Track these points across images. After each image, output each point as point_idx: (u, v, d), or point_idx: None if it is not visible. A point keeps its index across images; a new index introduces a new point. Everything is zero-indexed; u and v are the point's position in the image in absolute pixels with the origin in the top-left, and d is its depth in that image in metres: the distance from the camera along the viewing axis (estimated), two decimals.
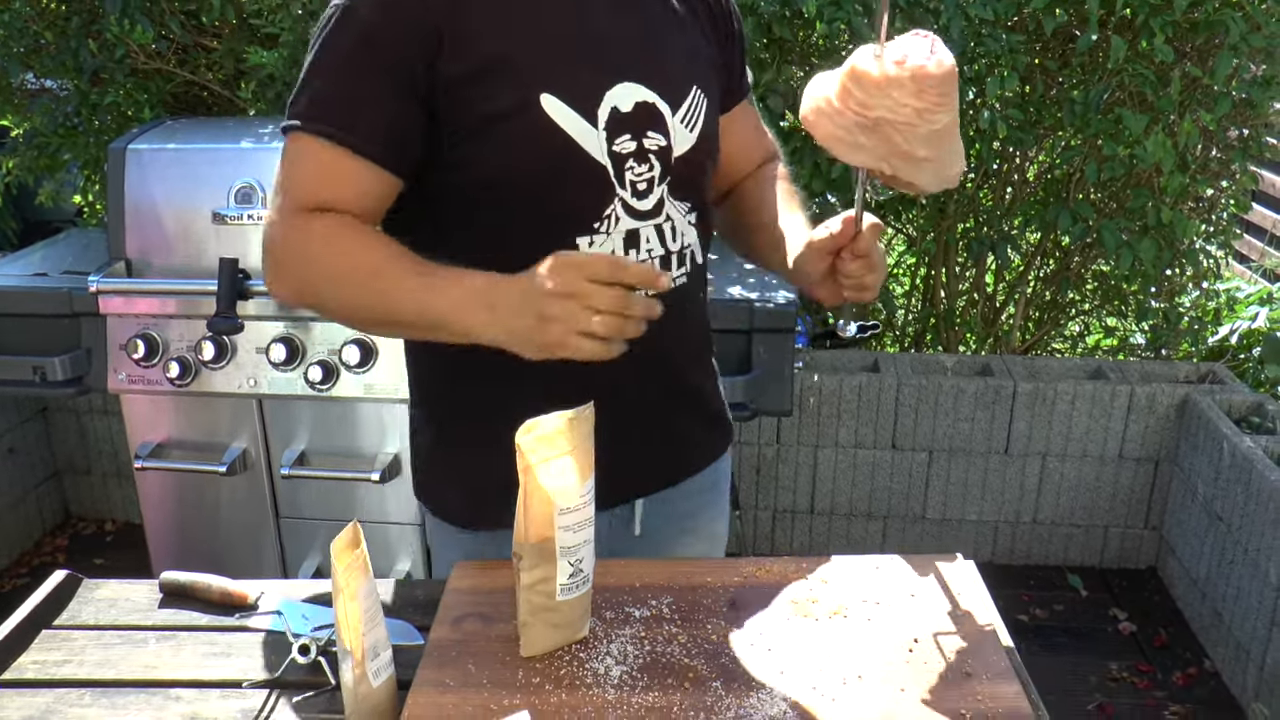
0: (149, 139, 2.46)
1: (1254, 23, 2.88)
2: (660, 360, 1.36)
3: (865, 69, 1.06)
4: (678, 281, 1.33)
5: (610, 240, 1.25)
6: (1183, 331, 3.67)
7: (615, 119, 1.24)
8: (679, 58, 1.32)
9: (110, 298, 2.42)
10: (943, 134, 1.10)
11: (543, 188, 1.23)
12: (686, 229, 1.34)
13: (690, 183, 1.33)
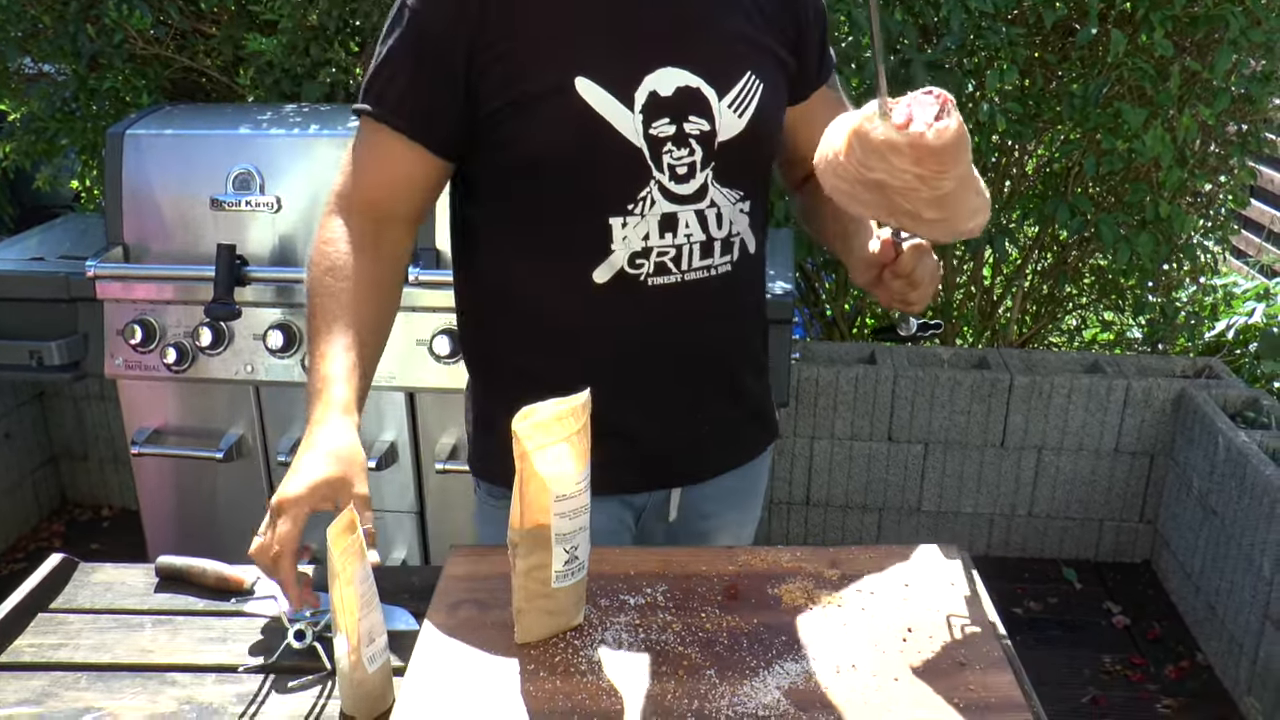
0: (147, 124, 2.46)
1: (1254, 18, 2.87)
2: (705, 348, 1.38)
3: (867, 129, 1.01)
4: (720, 269, 1.33)
5: (645, 222, 1.27)
6: (1179, 326, 3.67)
7: (654, 102, 1.24)
8: (731, 42, 1.31)
9: (108, 283, 2.42)
10: (949, 197, 1.05)
11: (575, 168, 1.25)
12: (736, 216, 1.33)
13: (740, 170, 1.32)
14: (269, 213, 2.35)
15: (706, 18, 1.30)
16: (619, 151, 1.24)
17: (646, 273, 1.29)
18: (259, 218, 2.36)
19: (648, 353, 1.34)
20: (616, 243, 1.27)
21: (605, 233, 1.27)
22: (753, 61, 1.32)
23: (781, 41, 1.37)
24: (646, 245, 1.28)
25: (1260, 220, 5.43)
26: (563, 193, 1.27)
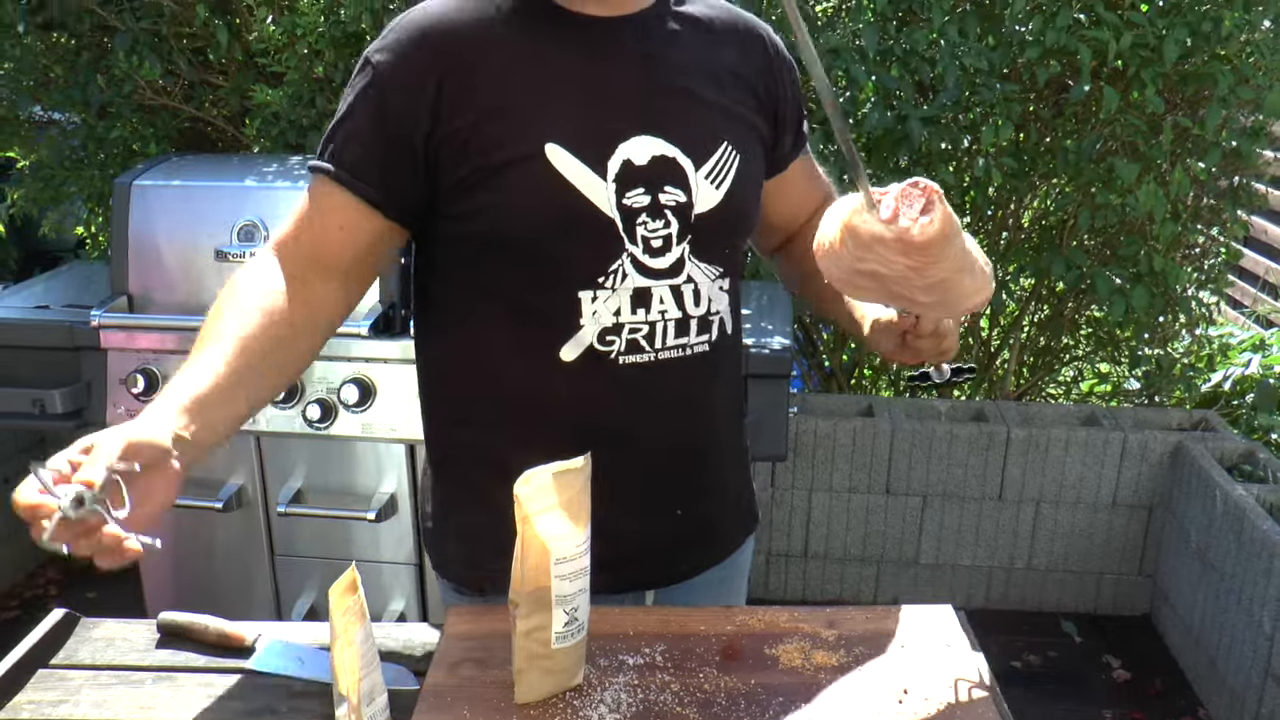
0: (154, 175, 2.49)
1: (1241, 76, 2.93)
2: (680, 436, 1.32)
3: (856, 224, 1.03)
4: (697, 349, 1.28)
5: (616, 296, 1.21)
6: (1176, 378, 3.69)
7: (628, 171, 1.20)
8: (708, 112, 1.27)
9: (111, 332, 2.44)
10: (942, 284, 1.07)
11: (544, 238, 1.20)
12: (716, 294, 1.28)
13: (718, 244, 1.28)
14: None
15: (683, 86, 1.26)
16: (590, 222, 1.19)
17: (617, 350, 1.23)
18: None
19: (618, 439, 1.25)
20: (586, 318, 1.22)
21: (574, 307, 1.21)
22: (730, 132, 1.28)
23: (758, 112, 1.33)
24: (618, 321, 1.22)
25: (1255, 270, 5.48)
26: (530, 264, 1.22)
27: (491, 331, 1.27)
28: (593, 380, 1.24)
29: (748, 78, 1.33)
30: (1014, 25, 2.91)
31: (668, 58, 1.26)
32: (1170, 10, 2.89)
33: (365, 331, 2.31)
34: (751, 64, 1.34)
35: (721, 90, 1.29)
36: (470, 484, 1.35)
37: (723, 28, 1.33)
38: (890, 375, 3.95)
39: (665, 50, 1.27)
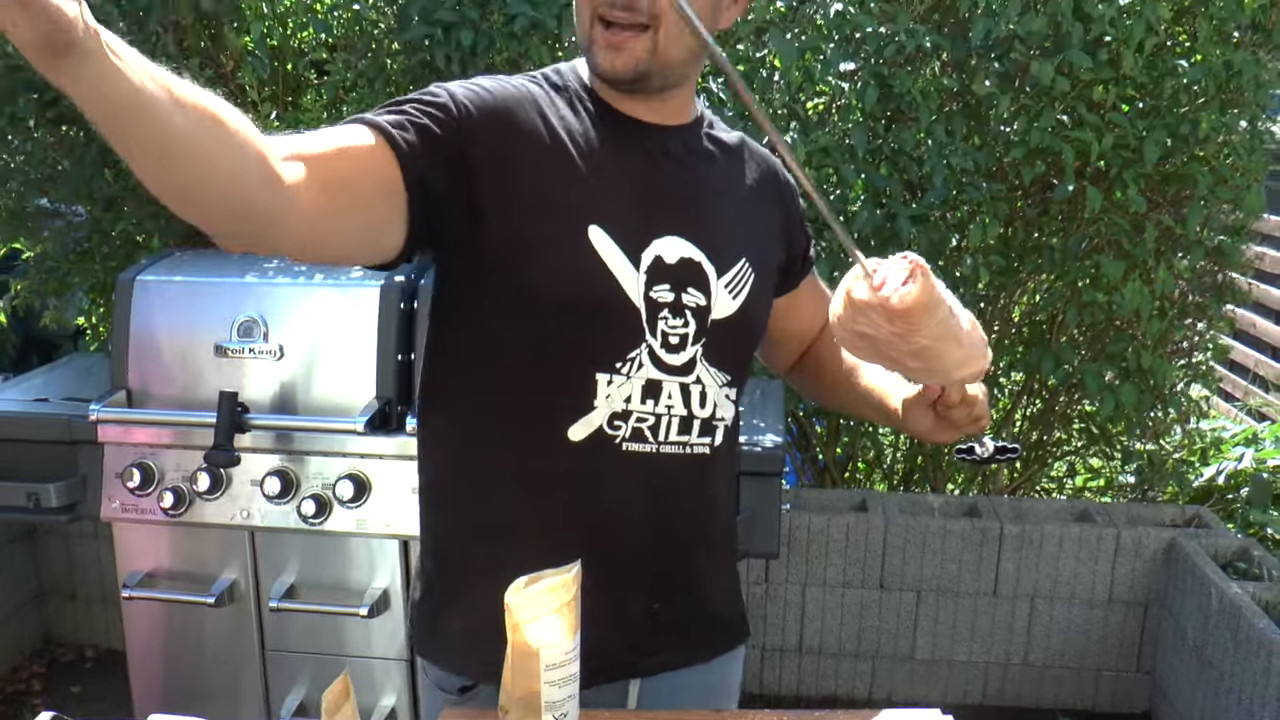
0: (157, 270, 2.53)
1: (1220, 176, 3.00)
2: (672, 532, 1.34)
3: (851, 288, 1.11)
4: (697, 450, 1.31)
5: (630, 383, 1.25)
6: (1168, 473, 3.70)
7: (657, 266, 1.26)
8: (733, 227, 1.34)
9: (109, 426, 2.45)
10: (926, 351, 1.13)
11: (576, 313, 1.24)
12: (721, 400, 1.33)
13: (728, 351, 1.33)
14: (271, 360, 2.40)
15: (716, 200, 1.34)
16: (619, 306, 1.24)
17: (623, 436, 1.26)
18: (261, 364, 2.41)
19: (611, 526, 1.29)
20: (599, 399, 1.25)
21: (590, 386, 1.25)
22: (749, 250, 1.35)
23: (775, 237, 1.42)
24: (627, 408, 1.26)
25: (1245, 363, 5.53)
26: (556, 337, 1.24)
27: (507, 396, 1.29)
28: (596, 462, 1.27)
29: (767, 203, 1.43)
30: (999, 125, 2.99)
31: (704, 171, 1.35)
32: (1149, 112, 2.97)
33: (361, 428, 2.32)
34: (770, 191, 1.44)
35: (745, 211, 1.38)
36: (462, 565, 1.36)
37: (747, 156, 1.43)
38: (884, 468, 3.96)
39: (702, 164, 1.35)
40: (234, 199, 0.98)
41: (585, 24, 1.24)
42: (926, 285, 1.07)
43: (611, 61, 1.23)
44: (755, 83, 3.02)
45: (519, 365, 1.27)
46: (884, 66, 2.93)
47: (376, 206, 1.13)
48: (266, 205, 1.01)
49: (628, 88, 1.27)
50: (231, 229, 1.03)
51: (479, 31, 3.02)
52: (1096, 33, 2.87)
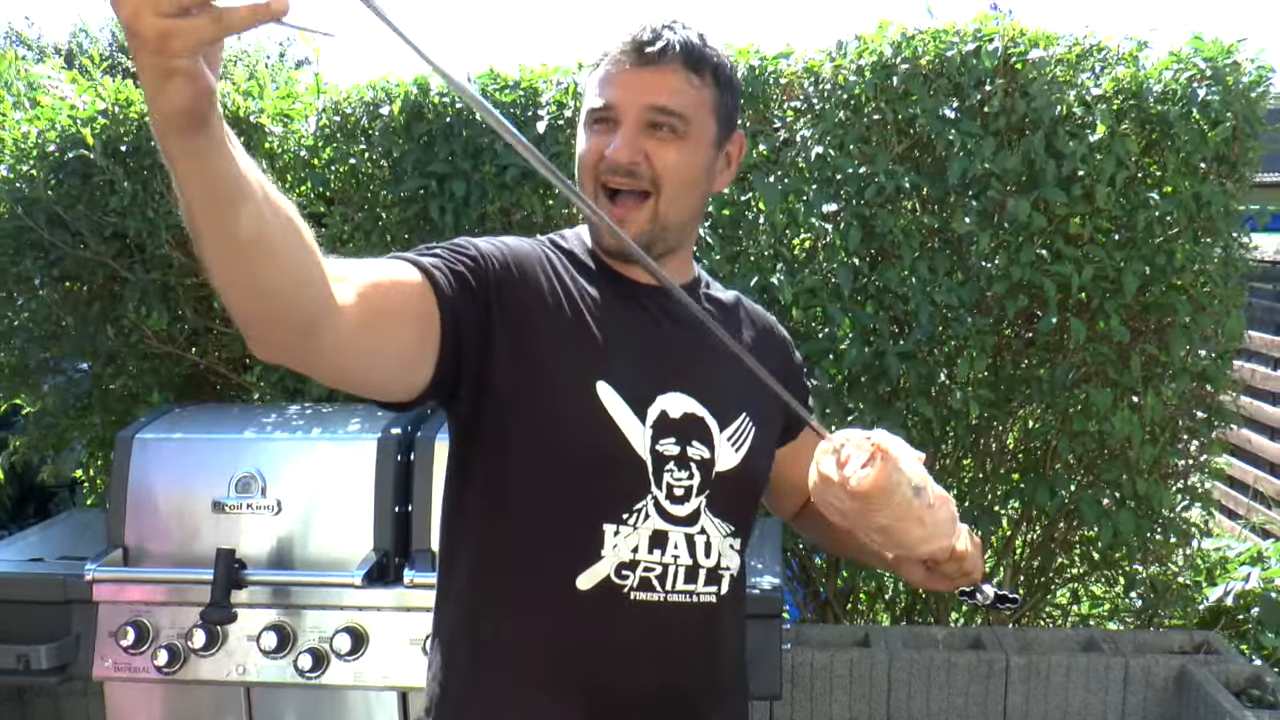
0: (155, 428, 2.56)
1: (1199, 304, 3.06)
2: (678, 680, 1.34)
3: (819, 460, 1.16)
4: (703, 598, 1.32)
5: (637, 534, 1.28)
6: (1173, 598, 3.67)
7: (663, 421, 1.30)
8: (733, 383, 1.38)
9: (105, 585, 2.44)
10: (887, 529, 1.18)
11: (585, 467, 1.27)
12: (725, 550, 1.35)
13: (732, 503, 1.36)
14: (269, 515, 2.41)
15: (716, 358, 1.38)
16: (626, 460, 1.27)
17: (631, 586, 1.28)
18: (259, 519, 2.42)
19: (619, 673, 1.31)
20: (607, 549, 1.27)
21: (598, 537, 1.27)
22: (750, 405, 1.39)
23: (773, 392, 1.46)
24: (635, 558, 1.28)
25: (1245, 479, 5.52)
26: (565, 489, 1.28)
27: (516, 548, 1.31)
28: (604, 611, 1.28)
29: (764, 359, 1.44)
30: (980, 261, 3.06)
31: (701, 329, 1.38)
32: (1126, 244, 3.05)
33: (359, 581, 2.32)
34: (766, 347, 1.49)
35: (743, 367, 1.41)
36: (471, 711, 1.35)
37: (743, 315, 1.50)
38: (886, 600, 3.92)
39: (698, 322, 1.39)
40: (292, 304, 1.00)
41: (590, 194, 1.31)
42: (885, 470, 1.11)
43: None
44: (741, 225, 3.11)
45: (528, 515, 1.30)
46: (865, 207, 3.02)
47: (413, 339, 1.17)
48: (316, 318, 1.02)
49: (613, 248, 1.33)
50: (277, 336, 1.04)
51: (471, 182, 3.12)
52: (1069, 169, 2.97)
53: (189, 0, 0.78)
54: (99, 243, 3.22)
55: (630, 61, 1.28)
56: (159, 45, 0.79)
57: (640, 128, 1.28)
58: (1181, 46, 3.07)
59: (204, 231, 0.93)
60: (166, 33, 0.79)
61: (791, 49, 3.23)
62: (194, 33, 0.79)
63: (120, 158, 3.21)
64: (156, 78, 0.82)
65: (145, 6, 0.78)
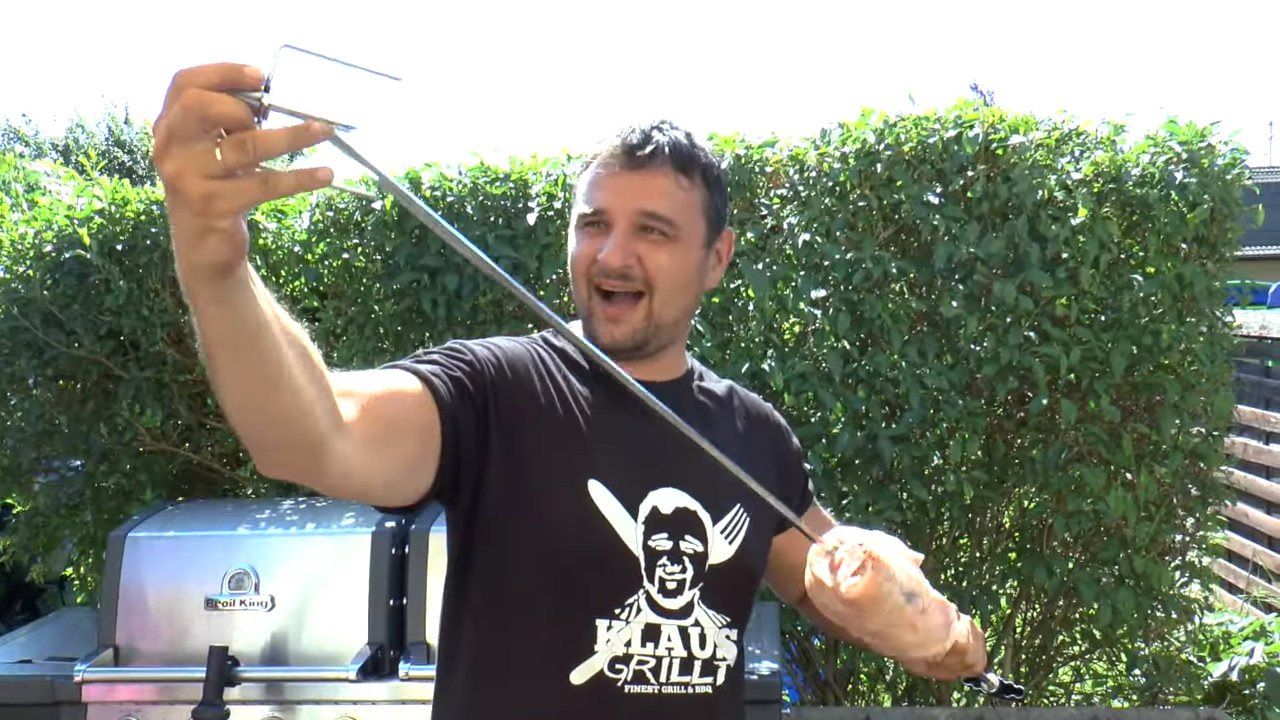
0: (148, 526, 2.56)
1: (1186, 383, 3.09)
2: None
3: (812, 561, 1.18)
4: (699, 690, 1.32)
5: (629, 629, 1.28)
6: (1177, 675, 3.63)
7: (655, 517, 1.31)
8: (727, 476, 1.36)
9: (94, 686, 2.41)
10: (878, 634, 1.19)
11: (577, 565, 1.28)
12: (722, 641, 1.35)
13: (726, 594, 1.36)
14: (263, 611, 2.40)
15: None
16: (618, 555, 1.28)
17: (625, 679, 1.28)
18: (252, 616, 2.40)
19: None
20: (600, 644, 1.28)
21: (591, 633, 1.28)
22: (744, 496, 1.38)
23: (768, 480, 1.43)
24: (628, 652, 1.28)
25: (1243, 553, 5.50)
26: (557, 587, 1.28)
27: (509, 650, 1.31)
28: (598, 705, 1.28)
29: (758, 447, 1.49)
30: (969, 344, 3.09)
31: (696, 425, 1.37)
32: (1112, 325, 3.08)
33: (353, 675, 2.30)
34: (760, 435, 1.51)
35: (736, 458, 1.41)
36: None
37: (736, 404, 1.51)
38: (887, 681, 3.87)
39: (694, 418, 1.40)
40: (303, 429, 1.00)
41: (583, 295, 1.34)
42: (875, 580, 1.12)
43: (611, 333, 1.33)
44: (731, 312, 3.15)
45: (522, 612, 1.31)
46: (853, 292, 3.06)
47: (415, 450, 1.18)
48: (325, 438, 1.03)
49: (626, 356, 1.34)
50: (286, 457, 1.04)
51: (463, 275, 3.16)
52: (1053, 251, 3.02)
53: (235, 162, 0.78)
54: (94, 341, 3.24)
55: (620, 164, 1.31)
56: (203, 207, 0.80)
57: (632, 231, 1.31)
58: (1157, 130, 3.14)
59: (221, 368, 0.94)
60: (212, 194, 0.79)
61: (776, 137, 3.30)
62: (239, 196, 0.80)
63: (116, 256, 3.25)
64: (193, 235, 0.82)
65: (191, 167, 0.78)
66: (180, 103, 0.77)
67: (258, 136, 0.78)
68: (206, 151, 0.78)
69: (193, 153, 0.78)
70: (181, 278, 0.87)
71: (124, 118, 18.85)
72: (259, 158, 0.78)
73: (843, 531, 1.20)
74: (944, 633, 1.22)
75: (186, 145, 0.78)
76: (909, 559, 1.20)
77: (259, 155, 0.78)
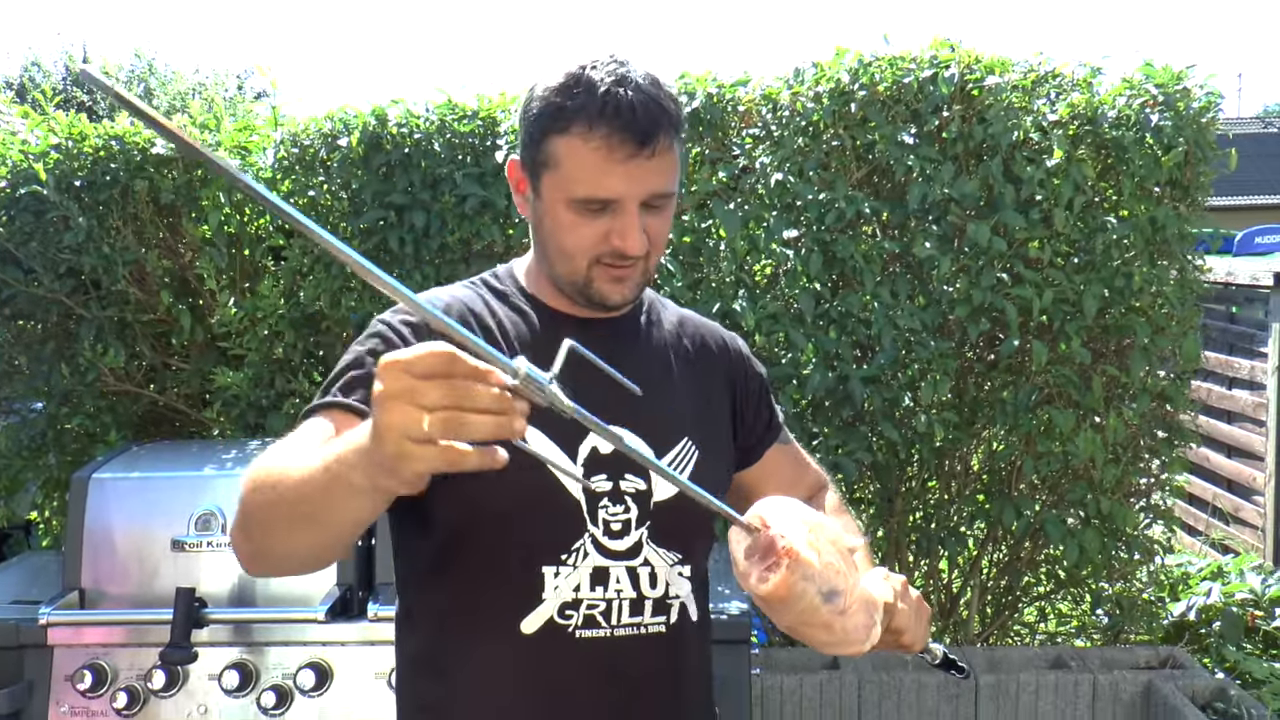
0: (112, 467, 2.51)
1: (1157, 325, 3.10)
2: (637, 715, 1.32)
3: (730, 543, 1.13)
4: (652, 629, 1.31)
5: (577, 573, 1.28)
6: (1138, 614, 3.70)
7: (594, 458, 1.29)
8: (669, 410, 1.37)
9: (60, 629, 2.38)
10: (792, 629, 1.12)
11: (517, 514, 1.27)
12: (674, 579, 1.34)
13: (675, 531, 1.34)
14: (230, 552, 2.36)
15: (652, 385, 1.34)
16: (559, 502, 1.27)
17: (575, 625, 1.28)
18: (219, 557, 2.38)
19: (576, 713, 1.30)
20: (548, 591, 1.28)
21: (538, 580, 1.27)
22: (692, 429, 1.37)
23: (721, 411, 1.44)
24: (577, 596, 1.28)
25: (1204, 496, 5.60)
26: (501, 536, 1.28)
27: (456, 603, 1.31)
28: (551, 653, 1.28)
29: (709, 378, 1.45)
30: (941, 285, 3.09)
31: (639, 358, 1.38)
32: (1085, 267, 3.09)
33: (322, 616, 2.28)
34: (713, 365, 1.47)
35: (686, 390, 1.41)
36: None
37: (687, 332, 1.47)
38: None
39: (637, 351, 1.39)
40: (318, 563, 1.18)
41: (580, 268, 1.29)
42: (789, 579, 1.06)
43: (620, 293, 1.31)
44: (702, 252, 3.12)
45: (467, 565, 1.30)
46: (826, 233, 3.04)
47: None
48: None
49: (617, 310, 1.33)
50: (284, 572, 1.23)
51: (431, 213, 3.11)
52: (1027, 193, 3.01)
53: (439, 436, 0.86)
54: (53, 280, 3.17)
55: (630, 152, 1.22)
56: (394, 464, 0.90)
57: (640, 210, 1.26)
58: (1134, 73, 3.12)
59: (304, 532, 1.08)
60: (405, 455, 0.88)
61: (749, 76, 3.25)
62: (427, 463, 0.88)
63: (74, 193, 3.17)
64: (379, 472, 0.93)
65: (398, 424, 0.87)
66: (450, 383, 0.87)
67: (468, 421, 0.87)
68: (418, 418, 0.86)
69: (406, 411, 0.86)
70: (344, 464, 0.97)
71: (82, 57, 18.37)
72: (462, 439, 0.88)
73: (773, 508, 1.13)
74: (863, 634, 1.15)
75: (407, 403, 0.86)
76: (841, 550, 1.14)
77: (463, 438, 0.88)
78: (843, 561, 1.13)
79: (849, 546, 1.16)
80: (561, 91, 1.24)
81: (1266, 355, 4.96)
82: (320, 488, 1.00)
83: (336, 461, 0.98)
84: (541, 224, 1.30)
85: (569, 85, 1.23)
